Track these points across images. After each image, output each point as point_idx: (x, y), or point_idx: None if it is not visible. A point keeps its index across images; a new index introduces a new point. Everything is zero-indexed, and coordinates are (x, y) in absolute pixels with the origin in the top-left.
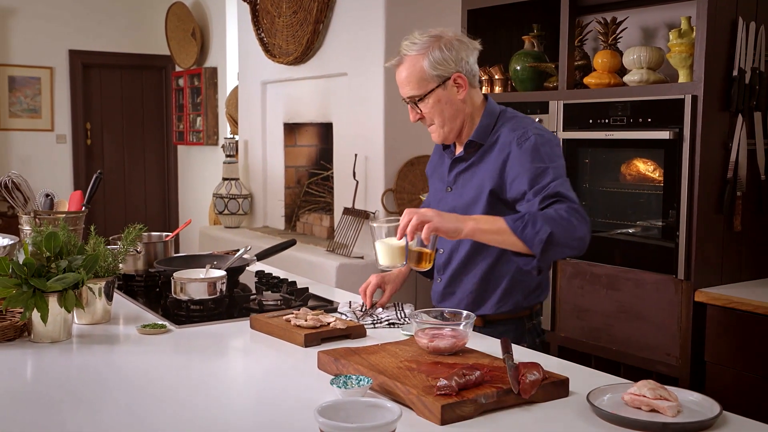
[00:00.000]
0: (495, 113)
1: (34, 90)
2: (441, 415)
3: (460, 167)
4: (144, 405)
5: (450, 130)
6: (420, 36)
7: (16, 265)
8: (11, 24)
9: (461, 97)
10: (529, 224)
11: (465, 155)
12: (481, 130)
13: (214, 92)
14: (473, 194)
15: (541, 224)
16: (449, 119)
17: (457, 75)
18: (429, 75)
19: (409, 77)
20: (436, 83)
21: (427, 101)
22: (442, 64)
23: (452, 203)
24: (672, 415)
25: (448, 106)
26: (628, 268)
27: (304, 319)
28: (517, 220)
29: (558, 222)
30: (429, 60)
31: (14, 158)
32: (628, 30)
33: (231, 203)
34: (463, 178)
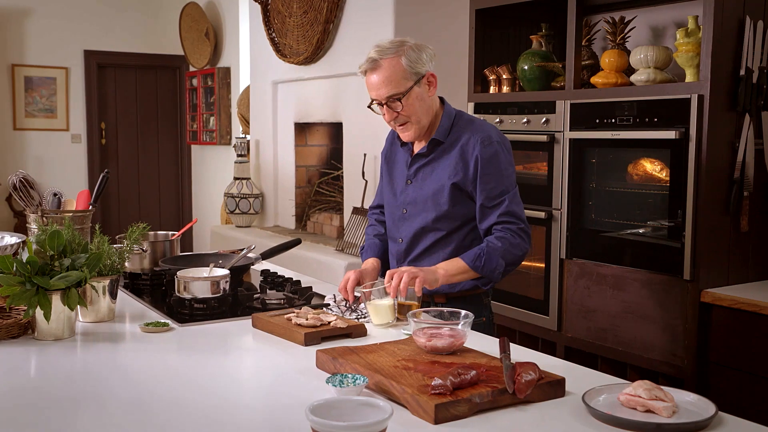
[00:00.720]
0: (452, 115)
1: (49, 90)
2: (434, 415)
3: (420, 162)
4: (144, 402)
5: (424, 126)
6: (386, 43)
7: (20, 263)
8: (27, 25)
9: (431, 95)
10: (486, 263)
11: (426, 152)
12: (443, 129)
13: (227, 92)
14: (435, 187)
15: (496, 260)
16: (424, 115)
17: (429, 73)
18: (408, 73)
19: (390, 77)
20: (413, 81)
21: (407, 98)
22: (417, 63)
23: (413, 195)
24: (667, 416)
25: (423, 103)
26: (634, 269)
27: (305, 318)
28: (475, 260)
29: (508, 250)
30: (406, 59)
31: (30, 157)
32: (637, 29)
33: (242, 203)
34: (423, 173)
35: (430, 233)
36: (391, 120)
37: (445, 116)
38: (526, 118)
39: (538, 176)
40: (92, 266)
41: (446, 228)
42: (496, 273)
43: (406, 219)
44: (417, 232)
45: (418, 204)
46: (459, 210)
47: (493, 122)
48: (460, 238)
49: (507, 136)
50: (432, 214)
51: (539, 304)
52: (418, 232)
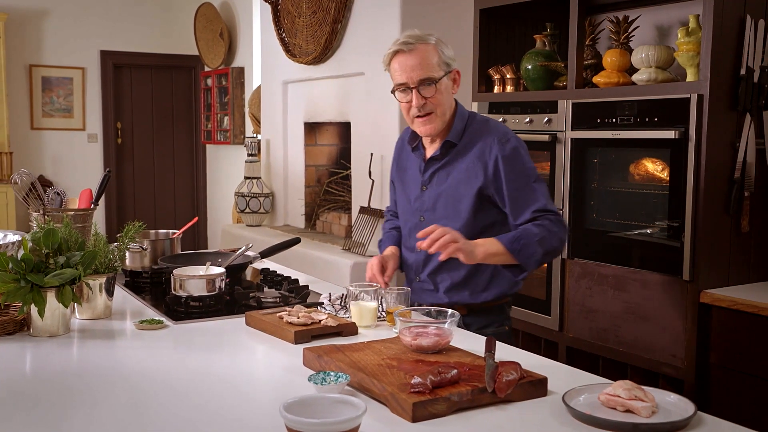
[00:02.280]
0: (465, 117)
1: (66, 90)
2: (412, 413)
3: (435, 166)
4: (134, 398)
5: (446, 121)
6: (419, 32)
7: (15, 260)
8: (44, 26)
9: (454, 92)
10: (524, 247)
11: (440, 155)
12: (456, 131)
13: (240, 92)
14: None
15: (534, 247)
16: (448, 109)
17: (456, 71)
18: (442, 62)
19: (425, 61)
20: (444, 72)
21: (439, 86)
22: (449, 57)
23: (430, 201)
24: (646, 416)
25: (448, 97)
26: (635, 269)
27: (297, 316)
28: (513, 242)
29: (546, 238)
30: (440, 49)
31: (47, 157)
32: (642, 28)
33: (252, 202)
34: (439, 177)
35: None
36: (418, 106)
37: (458, 118)
38: (528, 118)
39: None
40: (87, 264)
41: (468, 236)
42: (532, 260)
43: (423, 227)
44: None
45: (438, 210)
46: (481, 217)
47: None
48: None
49: None
50: (453, 222)
51: (541, 304)
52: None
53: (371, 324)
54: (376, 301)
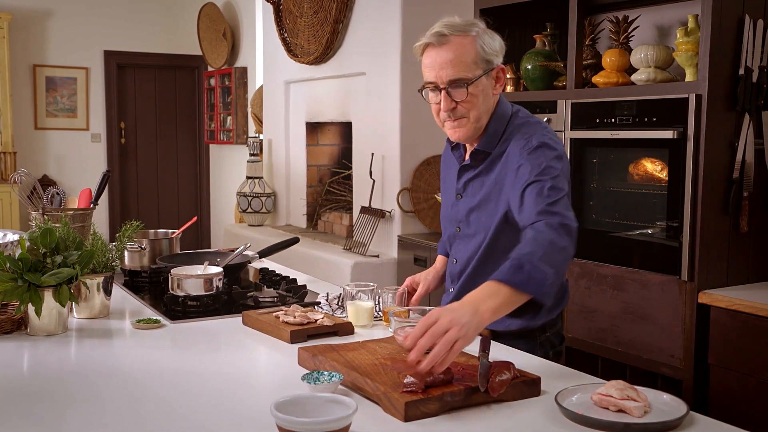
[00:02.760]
0: (505, 117)
1: (70, 90)
2: (404, 412)
3: (468, 175)
4: (130, 396)
5: (480, 127)
6: (458, 20)
7: (12, 260)
8: (48, 26)
9: (495, 93)
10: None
11: (473, 163)
12: (489, 137)
13: (243, 92)
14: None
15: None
16: (484, 113)
17: (501, 67)
18: (480, 59)
19: (458, 58)
20: (482, 70)
21: (473, 88)
22: (491, 52)
23: (464, 212)
24: (638, 416)
25: (486, 99)
26: (634, 269)
27: (293, 315)
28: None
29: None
30: (480, 43)
31: (51, 157)
32: (642, 28)
33: (254, 201)
34: (473, 187)
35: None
36: (447, 110)
37: (495, 120)
38: None
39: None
40: (84, 263)
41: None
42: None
43: (459, 238)
44: (470, 256)
45: (471, 225)
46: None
47: None
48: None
49: None
50: (483, 239)
51: None
52: (472, 255)
53: (368, 324)
54: (372, 301)
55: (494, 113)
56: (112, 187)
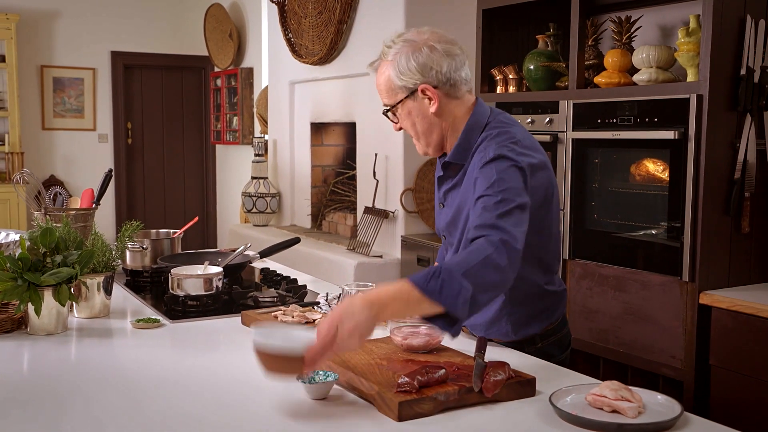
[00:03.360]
0: (479, 127)
1: (77, 91)
2: (398, 412)
3: (446, 185)
4: (126, 396)
5: (427, 144)
6: (397, 39)
7: (12, 259)
8: (56, 27)
9: (433, 111)
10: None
11: (447, 173)
12: (460, 149)
13: (249, 92)
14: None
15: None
16: (423, 133)
17: (423, 87)
18: (396, 85)
19: (380, 85)
20: (404, 94)
21: (398, 112)
22: (406, 75)
23: (445, 221)
24: (632, 416)
25: (420, 119)
26: (635, 270)
27: (291, 315)
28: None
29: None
30: (395, 69)
31: (58, 157)
32: (645, 28)
33: (259, 202)
34: (451, 197)
35: None
36: (397, 130)
37: (466, 131)
38: (530, 118)
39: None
40: (84, 263)
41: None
42: (460, 301)
43: (446, 246)
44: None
45: (451, 234)
46: None
47: None
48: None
49: None
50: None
51: None
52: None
53: None
54: None
55: (467, 124)
56: (118, 188)
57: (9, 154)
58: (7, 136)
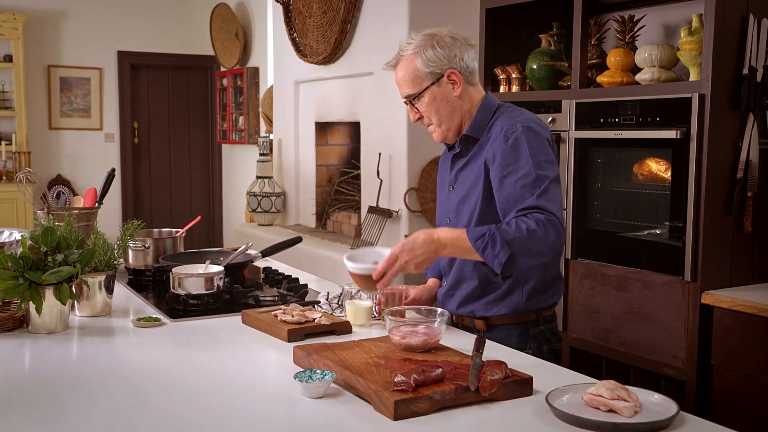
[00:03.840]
0: (492, 107)
1: (84, 90)
2: (394, 410)
3: (459, 164)
4: (126, 393)
5: (448, 128)
6: (415, 36)
7: (13, 258)
8: (63, 27)
9: (457, 94)
10: (489, 245)
11: (462, 151)
12: (476, 124)
13: (255, 92)
14: (471, 191)
15: (500, 246)
16: (446, 117)
17: (450, 71)
18: (423, 73)
19: (405, 76)
20: (430, 81)
21: (422, 99)
22: (434, 62)
23: (455, 201)
24: (628, 416)
25: (444, 104)
26: (637, 269)
27: (291, 314)
28: (478, 239)
29: (521, 239)
30: (422, 58)
31: (65, 156)
32: (649, 28)
33: (264, 201)
34: (463, 175)
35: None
36: (414, 120)
37: (481, 110)
38: None
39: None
40: (85, 262)
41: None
42: (495, 262)
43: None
44: None
45: (461, 212)
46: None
47: None
48: None
49: None
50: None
51: None
52: None
53: (366, 323)
54: (371, 301)
55: (481, 104)
56: (125, 187)
57: (16, 153)
58: (14, 135)
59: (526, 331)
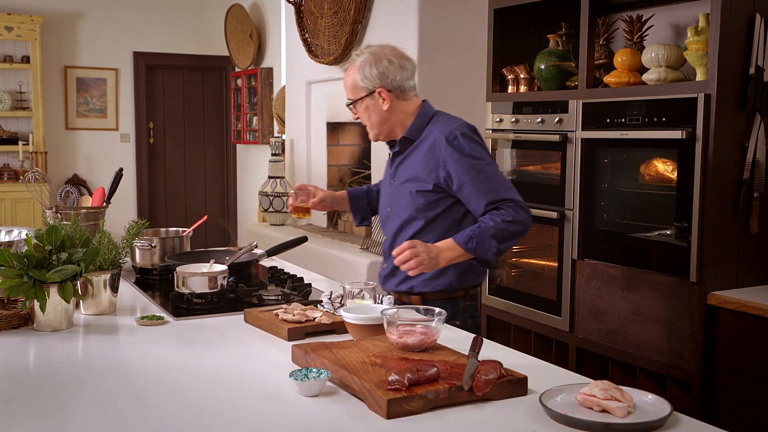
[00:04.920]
0: (428, 115)
1: (100, 91)
2: (387, 409)
3: (398, 160)
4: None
5: (378, 132)
6: (364, 50)
7: (18, 256)
8: (79, 28)
9: (386, 108)
10: (478, 244)
11: (401, 150)
12: (414, 129)
13: (269, 92)
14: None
15: (488, 242)
16: (376, 124)
17: (380, 90)
18: (359, 86)
19: (348, 84)
20: (364, 93)
21: (358, 106)
22: (369, 79)
23: (395, 192)
24: (621, 416)
25: (375, 114)
26: (643, 270)
27: (292, 314)
28: (467, 242)
29: (501, 229)
30: (361, 74)
31: (81, 156)
32: (657, 27)
33: (276, 201)
34: (400, 170)
35: (408, 227)
36: (354, 119)
37: (419, 116)
38: (540, 118)
39: (552, 176)
40: (89, 261)
41: (424, 219)
42: (489, 254)
43: (390, 217)
44: (397, 229)
45: (400, 202)
46: (434, 206)
47: (509, 122)
48: (441, 229)
49: (522, 135)
50: (407, 211)
51: (552, 305)
52: (399, 228)
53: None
54: (372, 300)
55: (418, 112)
56: (140, 187)
57: (33, 153)
58: (31, 135)
59: (456, 305)
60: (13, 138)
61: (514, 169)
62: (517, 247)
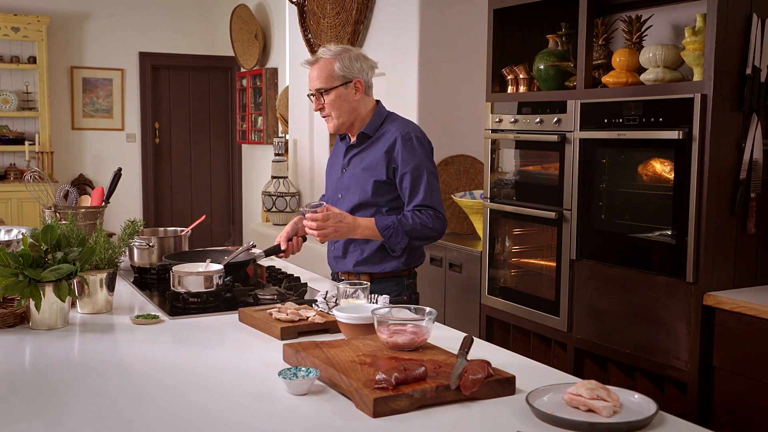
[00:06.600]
0: (383, 114)
1: (106, 91)
2: (373, 408)
3: (352, 153)
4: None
5: (342, 123)
6: (334, 47)
7: (12, 255)
8: (86, 28)
9: (357, 98)
10: (392, 236)
11: (357, 143)
12: (371, 125)
13: (274, 92)
14: (363, 174)
15: (400, 236)
16: (345, 113)
17: (357, 80)
18: (337, 75)
19: (321, 73)
20: (340, 82)
21: (330, 95)
22: (348, 69)
23: (346, 181)
24: (607, 416)
25: (345, 103)
26: (641, 270)
27: (285, 313)
28: (385, 230)
29: (416, 229)
30: (340, 63)
31: (87, 156)
32: (657, 28)
33: (279, 201)
34: (354, 162)
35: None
36: (317, 110)
37: (376, 115)
38: (539, 118)
39: (550, 176)
40: (85, 260)
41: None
42: (398, 246)
43: (340, 203)
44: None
45: (351, 189)
46: (384, 195)
47: (509, 122)
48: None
49: (520, 136)
50: (358, 197)
51: (551, 305)
52: (349, 212)
53: None
54: (365, 299)
55: (375, 111)
56: (146, 187)
57: (39, 153)
58: (38, 135)
59: (402, 283)
60: (19, 138)
61: (514, 169)
62: (516, 248)
